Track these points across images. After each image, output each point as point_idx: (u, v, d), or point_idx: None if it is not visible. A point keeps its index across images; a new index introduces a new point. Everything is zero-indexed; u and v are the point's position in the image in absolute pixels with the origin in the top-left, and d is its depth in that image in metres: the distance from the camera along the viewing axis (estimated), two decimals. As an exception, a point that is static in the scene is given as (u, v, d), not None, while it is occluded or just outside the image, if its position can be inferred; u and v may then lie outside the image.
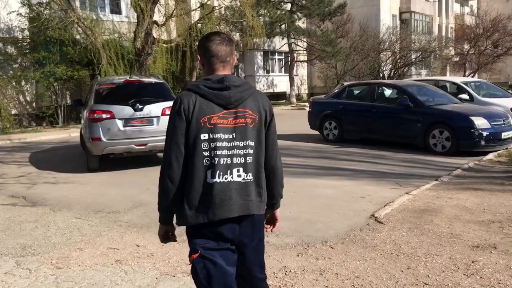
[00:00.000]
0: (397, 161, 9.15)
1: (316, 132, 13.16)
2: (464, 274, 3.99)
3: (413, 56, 32.59)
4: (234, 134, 2.29)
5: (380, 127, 10.66)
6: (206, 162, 2.24)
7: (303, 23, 28.90)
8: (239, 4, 19.94)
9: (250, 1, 18.86)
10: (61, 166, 9.68)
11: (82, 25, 18.32)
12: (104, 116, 8.61)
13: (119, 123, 8.63)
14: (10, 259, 4.69)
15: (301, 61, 31.93)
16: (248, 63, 31.72)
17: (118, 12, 23.93)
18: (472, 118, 9.45)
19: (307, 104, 29.98)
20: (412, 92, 10.29)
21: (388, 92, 11.12)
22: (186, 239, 2.40)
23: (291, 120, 19.47)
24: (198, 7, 19.42)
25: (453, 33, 45.95)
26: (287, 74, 33.76)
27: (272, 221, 2.62)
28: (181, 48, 19.54)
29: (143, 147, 8.81)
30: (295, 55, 30.36)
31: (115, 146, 8.73)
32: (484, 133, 9.35)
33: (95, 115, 8.64)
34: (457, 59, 41.13)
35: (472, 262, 4.24)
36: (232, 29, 21.99)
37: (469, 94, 11.73)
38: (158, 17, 20.85)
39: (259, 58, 32.25)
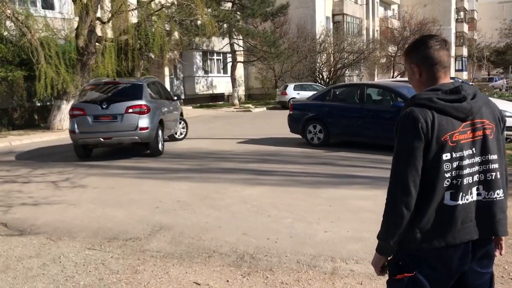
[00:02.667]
0: (402, 166, 8.80)
1: (293, 136, 12.63)
2: None
3: (350, 58, 33.12)
4: (474, 149, 2.08)
5: (370, 130, 10.31)
6: (446, 183, 2.03)
7: (244, 23, 28.27)
8: (187, 2, 18.89)
9: (203, -2, 17.95)
10: (29, 182, 8.30)
11: (16, 20, 16.44)
12: (78, 112, 10.25)
13: (89, 119, 10.15)
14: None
15: (243, 62, 31.29)
16: (186, 62, 30.51)
17: (51, 7, 21.94)
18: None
19: (251, 105, 29.49)
20: (406, 94, 10.03)
21: (376, 93, 10.80)
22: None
23: (252, 123, 18.82)
24: (149, 2, 18.11)
25: (378, 35, 47.63)
26: (226, 75, 33.05)
27: (497, 243, 2.29)
28: (131, 47, 18.16)
29: (109, 140, 10.24)
30: (236, 55, 29.69)
31: (87, 138, 10.28)
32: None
33: (72, 111, 10.43)
34: (384, 61, 42.64)
35: None
36: (178, 28, 20.84)
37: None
38: (99, 14, 19.32)
39: (198, 58, 31.21)
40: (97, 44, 18.29)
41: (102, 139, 10.12)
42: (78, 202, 6.86)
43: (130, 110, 10.08)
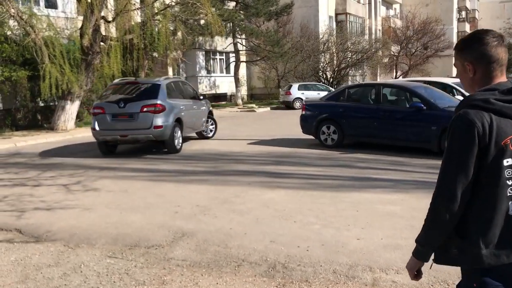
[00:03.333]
0: (422, 168, 8.57)
1: (303, 136, 12.41)
2: None
3: (355, 57, 32.89)
4: None
5: (387, 131, 10.08)
6: (510, 192, 1.90)
7: (248, 22, 28.02)
8: (193, 0, 18.63)
9: (208, -4, 17.68)
10: (40, 185, 8.06)
11: (20, 19, 16.19)
12: (98, 111, 10.88)
13: (108, 117, 10.74)
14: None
15: (246, 62, 31.05)
16: (191, 62, 30.24)
17: (54, 6, 21.68)
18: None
19: (255, 105, 29.23)
20: (424, 94, 9.80)
21: (392, 93, 10.56)
22: None
23: (258, 123, 18.59)
24: (154, 1, 17.85)
25: (380, 35, 47.39)
26: (229, 75, 32.81)
27: None
28: (136, 47, 17.90)
29: (125, 137, 10.84)
30: (240, 55, 29.44)
31: (106, 135, 10.89)
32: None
33: (94, 110, 11.13)
34: (386, 60, 42.40)
35: None
36: (183, 27, 20.55)
37: (463, 95, 11.49)
38: (103, 13, 19.05)
39: (200, 58, 30.97)
40: (101, 43, 18.05)
41: (119, 137, 10.76)
42: (92, 206, 6.62)
43: (145, 109, 10.51)
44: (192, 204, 6.53)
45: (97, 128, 10.71)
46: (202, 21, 24.70)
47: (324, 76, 32.64)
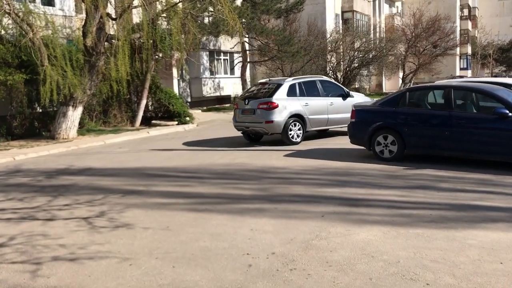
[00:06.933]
0: (522, 189, 7.03)
1: (344, 146, 10.89)
2: None
3: (367, 56, 31.39)
4: None
5: (462, 142, 8.50)
6: None
7: (257, 20, 26.33)
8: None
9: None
10: (54, 219, 6.38)
11: (16, 17, 14.46)
12: (235, 106, 13.59)
13: (239, 112, 13.21)
14: None
15: (254, 62, 29.42)
16: (192, 63, 28.47)
17: (51, 3, 19.95)
18: None
19: (263, 108, 27.61)
20: (507, 98, 8.25)
21: (466, 97, 8.97)
22: None
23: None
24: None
25: (384, 33, 45.93)
26: (233, 76, 31.15)
27: None
28: (145, 47, 16.24)
29: (248, 129, 13.16)
30: (247, 55, 27.81)
31: (238, 126, 13.43)
32: None
33: (234, 105, 14.06)
34: (391, 59, 40.91)
35: None
36: (194, 24, 18.85)
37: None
38: (108, 10, 17.36)
39: (205, 59, 29.23)
40: (106, 43, 16.37)
41: (245, 128, 13.14)
42: (132, 254, 4.97)
43: (260, 106, 12.51)
44: (265, 250, 4.91)
45: (234, 121, 13.44)
46: (210, 18, 23.10)
47: (334, 76, 31.08)
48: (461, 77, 46.68)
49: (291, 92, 12.74)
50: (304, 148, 11.85)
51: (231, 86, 31.45)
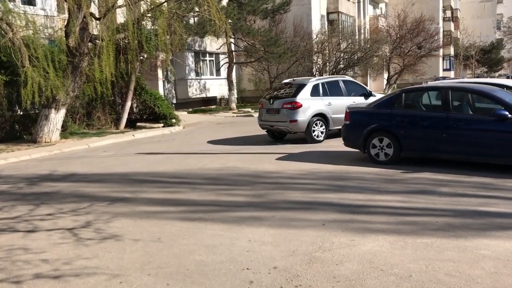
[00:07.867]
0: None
1: (338, 149, 10.62)
2: None
3: (353, 58, 31.26)
4: None
5: (460, 144, 8.28)
6: None
7: (243, 21, 25.98)
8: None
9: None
10: (36, 230, 5.96)
11: (-5, 16, 13.92)
12: (260, 106, 13.92)
13: (264, 111, 13.55)
14: None
15: (240, 63, 29.07)
16: (178, 65, 28.00)
17: (32, 3, 19.38)
18: None
19: (251, 110, 27.20)
20: (505, 99, 8.05)
21: (464, 98, 8.75)
22: None
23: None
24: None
25: (368, 34, 45.95)
26: (219, 77, 30.81)
27: None
28: (130, 47, 15.79)
29: (273, 128, 13.41)
30: (234, 56, 27.44)
31: (262, 124, 13.69)
32: None
33: (259, 105, 14.21)
34: (377, 60, 40.92)
35: None
36: (180, 25, 18.42)
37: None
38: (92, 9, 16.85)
39: (190, 60, 28.82)
40: (89, 43, 15.88)
41: (269, 126, 13.40)
42: (122, 270, 4.60)
43: (285, 106, 12.87)
44: (266, 264, 4.58)
45: (259, 119, 13.76)
46: (196, 19, 22.74)
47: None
48: (444, 78, 47.03)
49: (315, 92, 13.12)
50: (296, 151, 11.55)
51: (217, 88, 31.08)
